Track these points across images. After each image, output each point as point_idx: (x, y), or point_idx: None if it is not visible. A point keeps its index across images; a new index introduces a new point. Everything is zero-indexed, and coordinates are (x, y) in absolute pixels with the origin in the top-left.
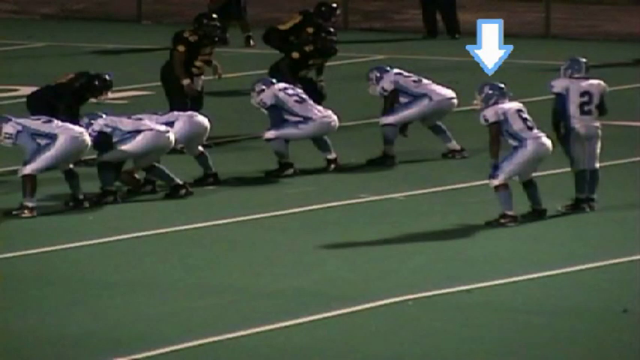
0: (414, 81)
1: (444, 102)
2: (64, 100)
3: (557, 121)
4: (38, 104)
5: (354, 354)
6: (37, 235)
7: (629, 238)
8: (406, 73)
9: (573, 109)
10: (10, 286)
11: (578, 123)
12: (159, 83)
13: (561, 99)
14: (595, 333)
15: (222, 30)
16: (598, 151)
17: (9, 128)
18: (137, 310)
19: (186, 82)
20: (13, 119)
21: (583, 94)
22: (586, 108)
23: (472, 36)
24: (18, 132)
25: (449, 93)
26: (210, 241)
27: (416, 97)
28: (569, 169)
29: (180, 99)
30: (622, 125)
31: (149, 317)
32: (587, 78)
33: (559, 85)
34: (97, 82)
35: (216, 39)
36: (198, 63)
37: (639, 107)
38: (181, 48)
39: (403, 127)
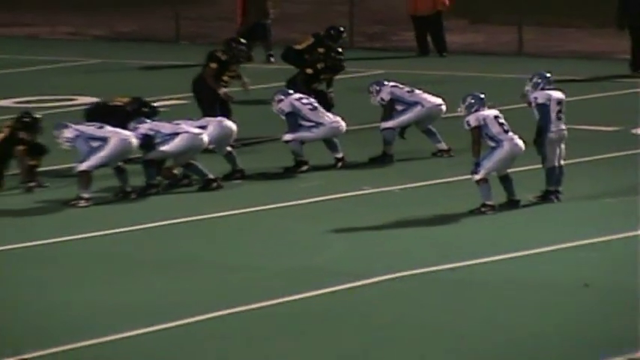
0: (408, 91)
1: (434, 108)
2: (116, 119)
3: (544, 125)
4: (94, 117)
5: (360, 319)
6: (92, 221)
7: (590, 224)
8: (400, 85)
9: (553, 116)
10: (69, 264)
11: (554, 127)
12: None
13: (545, 108)
14: (560, 304)
15: (248, 50)
16: (564, 150)
17: (68, 133)
18: (175, 284)
19: (222, 91)
20: (72, 126)
21: (558, 102)
22: (560, 115)
23: (457, 54)
24: (76, 136)
25: (438, 100)
26: (236, 227)
27: (410, 105)
28: (538, 165)
29: (210, 107)
30: (584, 129)
31: (186, 290)
32: (556, 89)
33: (542, 96)
34: (146, 109)
35: (243, 59)
36: (225, 77)
37: (597, 114)
38: (213, 65)
39: (402, 130)
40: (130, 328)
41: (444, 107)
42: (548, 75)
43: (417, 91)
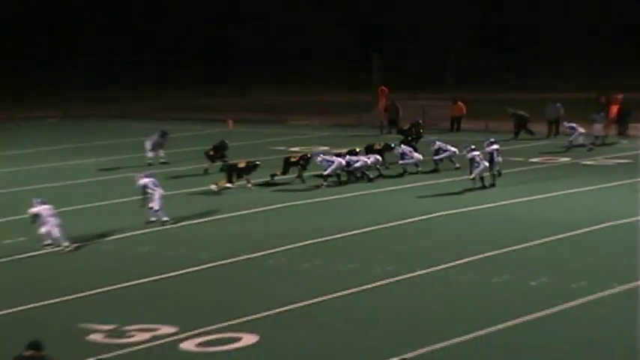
0: (446, 145)
1: (453, 153)
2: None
3: (491, 161)
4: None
5: (428, 232)
6: (324, 193)
7: (518, 194)
8: (443, 143)
9: (494, 155)
10: (306, 211)
11: (495, 159)
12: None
13: (491, 154)
14: (515, 226)
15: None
16: (501, 167)
17: (319, 157)
18: (349, 219)
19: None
20: (321, 155)
21: (497, 150)
22: (498, 154)
23: (465, 131)
24: (322, 160)
25: (455, 149)
26: (378, 196)
27: (445, 151)
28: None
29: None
30: (509, 159)
31: (351, 220)
32: (496, 144)
33: (490, 149)
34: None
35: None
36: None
37: (515, 153)
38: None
39: (440, 160)
40: (312, 238)
41: (457, 152)
42: (493, 140)
43: (449, 145)
